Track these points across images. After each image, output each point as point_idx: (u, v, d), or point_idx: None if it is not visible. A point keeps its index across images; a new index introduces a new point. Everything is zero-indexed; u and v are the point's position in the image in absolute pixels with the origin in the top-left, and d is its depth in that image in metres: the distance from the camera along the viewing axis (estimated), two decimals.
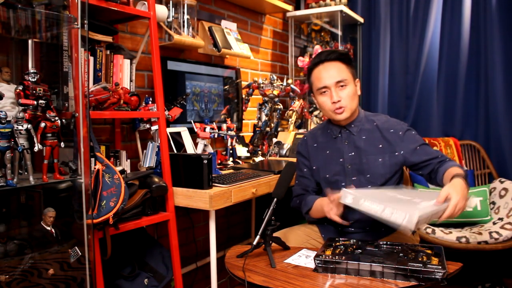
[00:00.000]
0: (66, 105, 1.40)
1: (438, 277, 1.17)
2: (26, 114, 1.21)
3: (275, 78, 2.65)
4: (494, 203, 2.71)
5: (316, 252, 1.39)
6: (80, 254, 1.35)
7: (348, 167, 1.66)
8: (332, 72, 1.61)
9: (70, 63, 1.39)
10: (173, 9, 2.12)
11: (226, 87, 2.52)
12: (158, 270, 1.73)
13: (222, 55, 2.50)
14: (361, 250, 1.33)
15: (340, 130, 1.70)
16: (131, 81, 1.80)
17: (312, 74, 1.67)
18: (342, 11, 3.05)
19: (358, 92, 1.67)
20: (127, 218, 1.55)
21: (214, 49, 2.34)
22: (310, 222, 1.79)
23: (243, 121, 2.71)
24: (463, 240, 2.37)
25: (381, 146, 1.64)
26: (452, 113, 3.14)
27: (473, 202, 2.69)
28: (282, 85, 2.65)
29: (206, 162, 1.68)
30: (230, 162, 2.30)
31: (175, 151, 1.95)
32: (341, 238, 1.47)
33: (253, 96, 2.70)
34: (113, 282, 1.59)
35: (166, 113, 1.91)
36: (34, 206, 1.38)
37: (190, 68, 2.25)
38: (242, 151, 2.49)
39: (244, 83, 2.72)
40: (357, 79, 1.67)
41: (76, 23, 1.31)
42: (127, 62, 1.77)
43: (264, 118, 2.62)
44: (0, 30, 1.29)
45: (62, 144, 1.30)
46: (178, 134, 2.03)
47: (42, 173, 1.26)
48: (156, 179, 1.65)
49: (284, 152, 2.58)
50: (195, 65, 2.30)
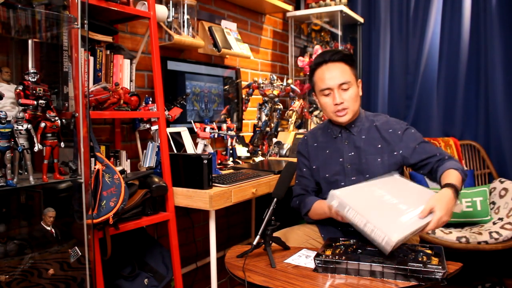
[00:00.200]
0: (66, 105, 1.40)
1: (438, 277, 1.17)
2: (26, 114, 1.21)
3: (275, 78, 2.65)
4: (494, 203, 2.71)
5: (316, 252, 1.39)
6: (80, 254, 1.35)
7: (347, 167, 1.66)
8: (335, 73, 1.61)
9: (70, 63, 1.39)
10: (173, 9, 2.12)
11: (226, 87, 2.52)
12: (158, 270, 1.73)
13: (222, 55, 2.50)
14: (361, 250, 1.33)
15: (340, 130, 1.70)
16: (131, 81, 1.80)
17: (315, 74, 1.66)
18: (342, 11, 3.05)
19: (360, 92, 1.67)
20: (127, 218, 1.55)
21: (214, 49, 2.34)
22: (309, 222, 1.79)
23: (243, 121, 2.71)
24: (463, 240, 2.37)
25: (380, 146, 1.64)
26: (452, 113, 3.14)
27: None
28: (282, 85, 2.65)
29: (206, 162, 1.68)
30: (230, 162, 2.30)
31: (175, 151, 1.95)
32: (341, 238, 1.47)
33: (253, 96, 2.70)
34: (113, 282, 1.59)
35: (166, 113, 1.91)
36: (34, 206, 1.38)
37: (190, 68, 2.25)
38: (242, 151, 2.49)
39: (244, 83, 2.72)
40: (359, 80, 1.67)
41: (76, 23, 1.31)
42: (127, 62, 1.77)
43: (264, 118, 2.62)
44: (0, 30, 1.29)
45: (62, 144, 1.30)
46: (178, 134, 2.03)
47: (42, 173, 1.26)
48: (156, 179, 1.65)
49: (284, 152, 2.58)
50: (195, 65, 2.30)
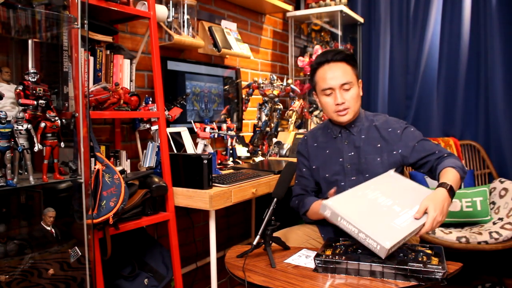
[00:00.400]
0: (66, 105, 1.40)
1: (438, 277, 1.17)
2: (26, 114, 1.21)
3: (275, 78, 2.65)
4: (494, 203, 2.71)
5: (316, 252, 1.39)
6: (80, 254, 1.35)
7: (347, 167, 1.66)
8: (337, 73, 1.61)
9: (70, 63, 1.39)
10: (173, 9, 2.12)
11: (226, 87, 2.52)
12: (158, 270, 1.73)
13: (222, 55, 2.50)
14: (361, 250, 1.33)
15: (340, 130, 1.70)
16: (131, 81, 1.80)
17: (316, 74, 1.66)
18: (342, 11, 3.05)
19: (361, 93, 1.67)
20: (127, 218, 1.55)
21: (214, 49, 2.34)
22: (307, 222, 1.79)
23: (243, 121, 2.71)
24: (463, 240, 2.37)
25: (379, 145, 1.64)
26: (452, 113, 3.14)
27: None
28: (282, 85, 2.65)
29: (206, 162, 1.68)
30: (230, 162, 2.30)
31: (175, 151, 1.95)
32: (341, 238, 1.47)
33: (253, 96, 2.70)
34: (113, 282, 1.59)
35: (166, 113, 1.91)
36: (34, 206, 1.38)
37: (190, 68, 2.25)
38: (242, 151, 2.49)
39: (244, 83, 2.72)
40: (360, 80, 1.67)
41: (76, 23, 1.31)
42: (127, 62, 1.77)
43: (264, 118, 2.62)
44: (0, 30, 1.29)
45: (62, 144, 1.30)
46: (178, 134, 2.03)
47: (42, 173, 1.26)
48: (156, 179, 1.65)
49: (284, 152, 2.58)
50: (195, 65, 2.30)
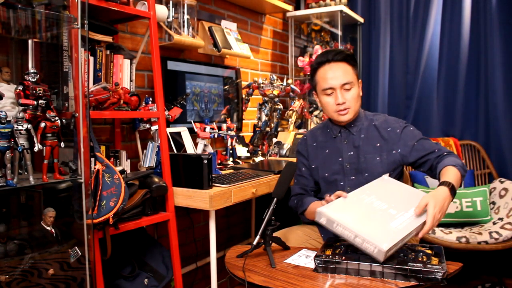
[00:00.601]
0: (66, 105, 1.40)
1: (438, 277, 1.17)
2: (26, 114, 1.21)
3: (275, 78, 2.65)
4: (494, 203, 2.71)
5: (316, 252, 1.39)
6: (80, 254, 1.35)
7: (347, 166, 1.66)
8: (338, 73, 1.61)
9: (70, 63, 1.39)
10: (173, 9, 2.12)
11: (226, 87, 2.52)
12: (158, 270, 1.73)
13: (222, 55, 2.50)
14: (361, 250, 1.33)
15: (340, 130, 1.70)
16: (131, 81, 1.80)
17: (317, 74, 1.66)
18: (342, 11, 3.05)
19: (361, 93, 1.68)
20: (127, 218, 1.55)
21: (214, 49, 2.34)
22: (305, 222, 1.79)
23: (243, 121, 2.71)
24: (463, 240, 2.37)
25: (378, 144, 1.64)
26: (452, 113, 3.14)
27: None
28: (282, 85, 2.65)
29: (206, 162, 1.68)
30: (230, 162, 2.30)
31: (175, 151, 1.95)
32: (341, 238, 1.47)
33: (253, 96, 2.70)
34: (113, 282, 1.59)
35: (166, 113, 1.91)
36: (34, 206, 1.38)
37: (190, 68, 2.25)
38: (242, 151, 2.49)
39: (244, 83, 2.72)
40: (360, 80, 1.68)
41: (76, 23, 1.31)
42: (127, 62, 1.77)
43: (264, 118, 2.62)
44: (0, 30, 1.29)
45: (62, 144, 1.30)
46: (178, 134, 2.03)
47: (42, 173, 1.26)
48: (156, 179, 1.65)
49: (284, 152, 2.58)
50: (195, 65, 2.30)
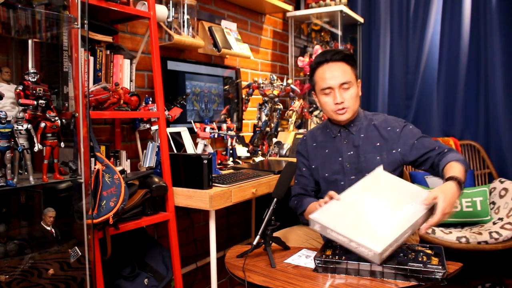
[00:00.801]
0: (66, 105, 1.40)
1: (438, 277, 1.17)
2: (26, 114, 1.21)
3: (275, 78, 2.65)
4: (494, 203, 2.71)
5: (316, 252, 1.39)
6: (80, 254, 1.35)
7: (347, 166, 1.66)
8: (336, 73, 1.61)
9: (70, 63, 1.39)
10: (173, 9, 2.12)
11: (226, 87, 2.52)
12: (158, 270, 1.73)
13: (222, 55, 2.50)
14: None
15: (339, 130, 1.70)
16: (131, 81, 1.80)
17: (315, 73, 1.67)
18: (342, 11, 3.05)
19: (360, 93, 1.68)
20: (127, 218, 1.55)
21: (214, 49, 2.34)
22: (304, 223, 1.79)
23: (243, 121, 2.71)
24: (463, 240, 2.37)
25: (378, 144, 1.64)
26: (452, 113, 3.14)
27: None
28: (282, 85, 2.65)
29: (206, 162, 1.68)
30: (230, 162, 2.30)
31: (175, 151, 1.95)
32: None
33: (253, 96, 2.70)
34: (113, 282, 1.59)
35: (166, 113, 1.91)
36: (34, 206, 1.38)
37: (190, 68, 2.25)
38: (242, 151, 2.49)
39: (244, 83, 2.72)
40: (359, 80, 1.68)
41: (76, 23, 1.31)
42: (127, 62, 1.77)
43: (264, 118, 2.62)
44: (0, 30, 1.29)
45: (62, 144, 1.30)
46: (178, 134, 2.03)
47: (42, 173, 1.26)
48: (156, 179, 1.65)
49: (284, 152, 2.58)
50: (195, 65, 2.30)
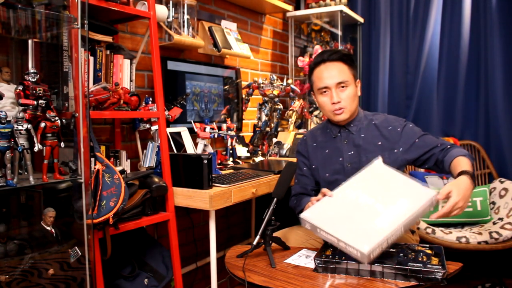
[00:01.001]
0: (66, 105, 1.40)
1: (438, 277, 1.17)
2: (26, 114, 1.21)
3: (275, 78, 2.65)
4: (494, 203, 2.71)
5: (316, 252, 1.39)
6: (80, 254, 1.35)
7: (347, 166, 1.66)
8: (333, 72, 1.61)
9: (70, 63, 1.39)
10: (173, 9, 2.12)
11: (226, 87, 2.52)
12: (158, 270, 1.73)
13: (222, 55, 2.50)
14: None
15: (339, 130, 1.70)
16: (131, 81, 1.80)
17: (313, 73, 1.67)
18: (342, 11, 3.05)
19: (358, 93, 1.68)
20: (127, 218, 1.55)
21: (214, 49, 2.34)
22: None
23: (243, 121, 2.71)
24: (463, 240, 2.37)
25: (380, 143, 1.64)
26: (452, 113, 3.14)
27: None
28: (282, 85, 2.65)
29: (206, 162, 1.68)
30: (230, 162, 2.30)
31: (175, 151, 1.95)
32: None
33: (253, 96, 2.70)
34: (113, 282, 1.59)
35: (166, 113, 1.91)
36: (34, 206, 1.38)
37: (190, 68, 2.25)
38: (242, 151, 2.49)
39: (244, 83, 2.72)
40: (358, 80, 1.68)
41: (76, 23, 1.31)
42: (127, 62, 1.77)
43: (264, 118, 2.62)
44: (0, 30, 1.29)
45: (62, 144, 1.30)
46: (178, 134, 2.03)
47: (42, 173, 1.26)
48: (156, 179, 1.65)
49: (284, 152, 2.58)
50: (195, 65, 2.30)
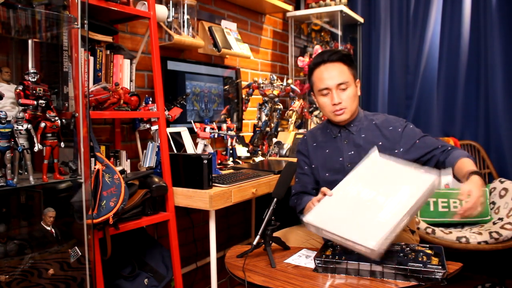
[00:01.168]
0: (66, 105, 1.40)
1: (438, 277, 1.17)
2: (26, 114, 1.21)
3: (275, 78, 2.65)
4: (494, 203, 2.72)
5: (316, 252, 1.39)
6: (80, 254, 1.35)
7: (348, 166, 1.66)
8: (333, 73, 1.61)
9: (70, 63, 1.39)
10: (173, 9, 2.12)
11: (226, 87, 2.52)
12: (158, 270, 1.73)
13: (222, 55, 2.50)
14: None
15: (339, 130, 1.70)
16: (131, 81, 1.80)
17: (313, 74, 1.67)
18: (342, 11, 3.05)
19: (358, 92, 1.68)
20: (127, 218, 1.55)
21: (214, 49, 2.34)
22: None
23: (243, 121, 2.71)
24: (463, 240, 2.37)
25: (380, 143, 1.64)
26: (452, 113, 3.14)
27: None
28: (282, 85, 2.65)
29: (206, 162, 1.68)
30: (230, 162, 2.30)
31: (175, 151, 1.95)
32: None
33: (253, 96, 2.70)
34: (113, 282, 1.59)
35: (166, 113, 1.91)
36: (34, 206, 1.38)
37: (190, 68, 2.25)
38: (242, 151, 2.49)
39: (244, 83, 2.72)
40: (357, 80, 1.68)
41: (76, 23, 1.31)
42: (127, 62, 1.77)
43: (264, 118, 2.62)
44: (0, 30, 1.29)
45: (62, 144, 1.30)
46: (178, 134, 2.03)
47: (42, 173, 1.26)
48: (156, 179, 1.65)
49: (284, 152, 2.58)
50: (195, 65, 2.30)
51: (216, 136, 2.21)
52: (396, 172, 1.42)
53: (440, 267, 1.17)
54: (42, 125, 1.24)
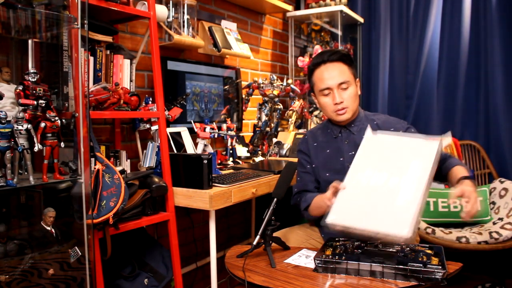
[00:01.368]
0: (66, 105, 1.40)
1: (438, 277, 1.17)
2: (26, 114, 1.21)
3: (275, 78, 2.65)
4: (494, 203, 2.71)
5: (316, 252, 1.39)
6: (80, 254, 1.35)
7: (348, 166, 1.65)
8: (334, 73, 1.61)
9: (70, 63, 1.39)
10: (173, 9, 2.12)
11: (226, 87, 2.52)
12: (158, 270, 1.73)
13: (222, 55, 2.50)
14: (361, 250, 1.33)
15: (340, 130, 1.70)
16: (131, 81, 1.80)
17: (313, 74, 1.67)
18: (342, 11, 3.05)
19: (359, 92, 1.68)
20: (127, 218, 1.55)
21: (214, 49, 2.34)
22: (308, 220, 1.78)
23: (243, 121, 2.71)
24: (463, 240, 2.37)
25: None
26: (452, 113, 3.14)
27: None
28: (282, 85, 2.65)
29: (206, 162, 1.68)
30: (230, 162, 2.30)
31: (175, 151, 1.95)
32: (341, 238, 1.47)
33: (253, 96, 2.70)
34: (113, 282, 1.59)
35: (166, 113, 1.91)
36: (34, 206, 1.38)
37: (190, 68, 2.25)
38: (242, 151, 2.49)
39: (244, 83, 2.72)
40: (357, 79, 1.68)
41: (76, 23, 1.31)
42: (127, 62, 1.77)
43: (264, 118, 2.62)
44: (0, 30, 1.29)
45: (62, 144, 1.30)
46: (178, 134, 2.03)
47: (42, 173, 1.26)
48: (156, 179, 1.65)
49: (284, 152, 2.58)
50: (195, 65, 2.30)
51: (216, 136, 2.21)
52: (399, 146, 1.37)
53: (440, 267, 1.17)
54: (42, 125, 1.24)
